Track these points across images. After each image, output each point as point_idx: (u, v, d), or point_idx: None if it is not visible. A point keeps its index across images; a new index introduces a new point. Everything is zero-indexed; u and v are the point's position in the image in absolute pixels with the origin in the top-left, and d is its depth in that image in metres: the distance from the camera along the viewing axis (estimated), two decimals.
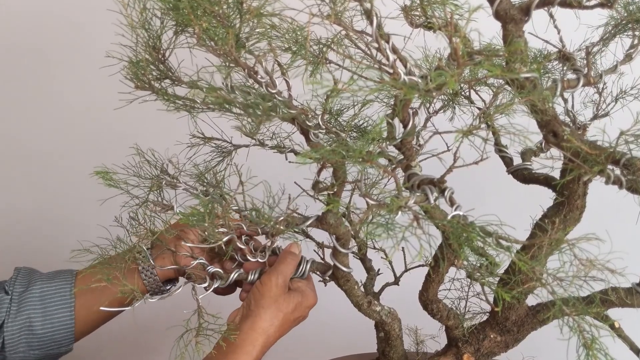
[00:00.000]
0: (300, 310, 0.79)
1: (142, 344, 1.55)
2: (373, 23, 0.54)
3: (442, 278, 0.75)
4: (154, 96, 0.64)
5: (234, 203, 0.70)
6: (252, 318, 0.76)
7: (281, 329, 0.78)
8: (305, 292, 0.81)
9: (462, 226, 0.54)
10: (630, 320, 0.79)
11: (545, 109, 0.62)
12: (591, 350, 0.51)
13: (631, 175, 0.58)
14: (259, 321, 0.76)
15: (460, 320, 0.79)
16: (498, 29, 0.59)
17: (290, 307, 0.78)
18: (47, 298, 0.81)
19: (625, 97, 0.82)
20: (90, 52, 0.93)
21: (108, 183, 0.72)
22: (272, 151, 0.82)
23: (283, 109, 0.59)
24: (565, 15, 0.68)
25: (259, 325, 0.75)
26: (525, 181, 0.78)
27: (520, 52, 0.56)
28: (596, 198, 0.76)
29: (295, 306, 0.78)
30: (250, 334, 0.75)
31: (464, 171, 0.67)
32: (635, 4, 0.73)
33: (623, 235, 0.75)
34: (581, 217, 0.69)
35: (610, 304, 0.70)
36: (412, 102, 0.65)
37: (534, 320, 0.75)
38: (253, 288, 0.79)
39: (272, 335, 0.76)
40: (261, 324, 0.76)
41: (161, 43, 0.62)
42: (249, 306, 0.78)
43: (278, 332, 0.77)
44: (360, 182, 0.59)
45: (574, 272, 0.52)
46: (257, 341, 0.75)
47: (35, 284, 0.82)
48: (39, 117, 1.40)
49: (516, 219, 0.59)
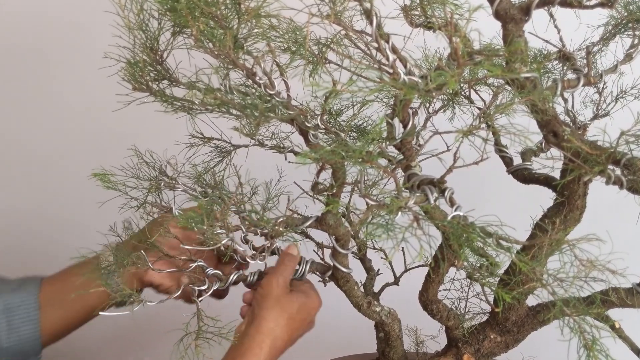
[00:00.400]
0: (305, 311, 0.79)
1: (141, 345, 1.55)
2: (373, 23, 0.54)
3: (442, 278, 0.75)
4: (152, 97, 0.64)
5: (232, 205, 0.70)
6: (257, 320, 0.76)
7: (289, 330, 0.77)
8: (308, 293, 0.80)
9: (462, 227, 0.54)
10: (630, 320, 0.79)
11: (546, 108, 0.62)
12: (592, 352, 0.51)
13: (632, 175, 0.58)
14: (263, 322, 0.76)
15: (460, 320, 0.79)
16: (498, 28, 0.59)
17: (295, 306, 0.78)
18: (12, 310, 0.81)
19: (625, 97, 0.82)
20: (90, 53, 0.93)
21: (106, 185, 0.72)
22: (271, 151, 0.82)
23: (281, 110, 0.59)
24: (566, 15, 0.68)
25: (264, 326, 0.75)
26: (525, 181, 0.78)
27: (521, 52, 0.56)
28: (596, 198, 0.76)
29: (299, 306, 0.78)
30: (256, 336, 0.75)
31: (464, 171, 0.66)
32: (635, 3, 0.73)
33: (623, 235, 0.75)
34: (581, 217, 0.69)
35: (611, 304, 0.70)
36: (411, 102, 0.65)
37: (534, 320, 0.75)
38: (255, 294, 0.79)
39: (279, 336, 0.76)
40: (266, 325, 0.75)
41: (159, 44, 0.62)
42: (253, 311, 0.78)
43: (286, 333, 0.77)
44: (360, 182, 0.59)
45: (575, 272, 0.52)
46: (263, 342, 0.74)
47: (0, 295, 0.82)
48: (39, 118, 1.40)
49: (516, 219, 0.59)
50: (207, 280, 0.77)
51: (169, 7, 0.53)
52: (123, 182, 0.74)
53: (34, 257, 1.51)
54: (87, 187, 0.84)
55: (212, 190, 0.77)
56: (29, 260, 1.51)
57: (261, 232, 0.70)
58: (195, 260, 0.76)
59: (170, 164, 0.78)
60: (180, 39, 0.61)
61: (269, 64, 0.64)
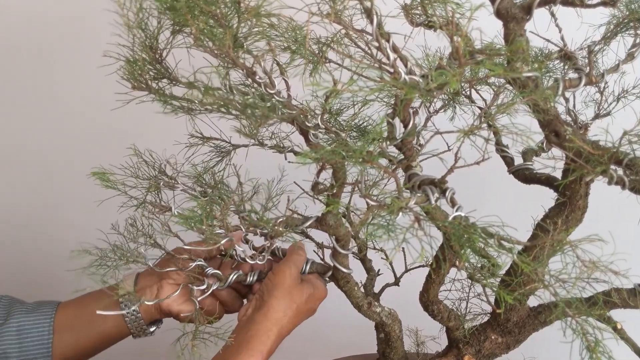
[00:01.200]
0: (312, 302, 0.79)
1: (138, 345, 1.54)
2: (373, 22, 0.53)
3: (442, 279, 0.74)
4: (151, 97, 0.63)
5: (232, 205, 0.70)
6: (266, 308, 0.76)
7: (294, 320, 0.77)
8: (316, 284, 0.80)
9: (463, 227, 0.54)
10: (632, 322, 0.78)
11: (547, 108, 0.62)
12: (595, 353, 0.51)
13: (634, 175, 0.58)
14: (272, 311, 0.75)
15: (461, 321, 0.79)
16: (499, 27, 0.58)
17: (304, 297, 0.78)
18: (24, 332, 0.80)
19: (627, 97, 0.82)
20: (89, 52, 0.93)
21: (105, 184, 0.72)
22: (271, 151, 0.82)
23: (282, 110, 0.59)
24: (567, 14, 0.68)
25: (273, 316, 0.75)
26: (526, 181, 0.78)
27: (522, 51, 0.56)
28: (598, 198, 0.75)
29: (308, 297, 0.78)
30: (264, 323, 0.74)
31: (465, 171, 0.66)
32: (637, 2, 0.72)
33: (625, 235, 0.74)
34: (583, 217, 0.69)
35: (613, 305, 0.70)
36: (412, 102, 0.64)
37: (536, 321, 0.75)
38: (265, 279, 0.79)
39: (285, 326, 0.76)
40: (274, 315, 0.75)
41: (158, 43, 0.61)
42: (262, 297, 0.77)
43: (291, 323, 0.77)
44: (361, 182, 0.59)
45: (577, 274, 0.52)
46: (271, 331, 0.74)
47: (14, 316, 0.80)
48: (39, 117, 1.40)
49: (518, 220, 0.59)
50: (207, 280, 0.77)
51: (169, 5, 0.53)
52: (122, 182, 0.74)
53: (34, 257, 1.51)
54: (87, 187, 0.83)
55: (211, 190, 0.77)
56: (29, 260, 1.51)
57: (261, 232, 0.70)
58: (194, 259, 0.76)
59: (170, 163, 0.78)
60: (180, 38, 0.61)
61: (269, 63, 0.63)
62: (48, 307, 0.83)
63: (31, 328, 0.80)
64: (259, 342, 0.73)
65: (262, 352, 0.72)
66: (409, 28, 0.67)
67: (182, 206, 0.77)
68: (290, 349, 0.81)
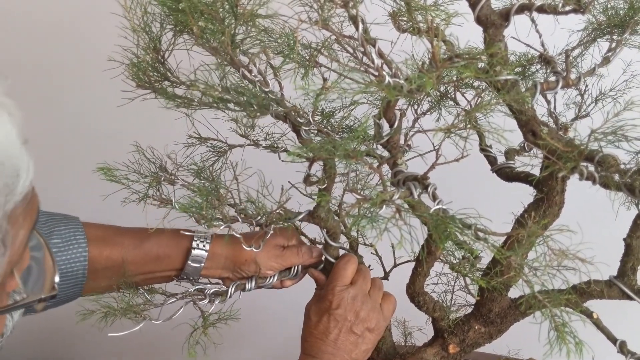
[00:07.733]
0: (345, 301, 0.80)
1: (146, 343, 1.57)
2: (359, 28, 0.57)
3: (427, 271, 0.78)
4: (153, 95, 0.67)
5: (229, 196, 0.73)
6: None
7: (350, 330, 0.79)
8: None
9: (442, 218, 0.58)
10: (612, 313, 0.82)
11: (524, 109, 0.66)
12: (561, 333, 0.55)
13: (604, 171, 0.62)
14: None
15: (446, 312, 0.83)
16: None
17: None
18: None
19: (604, 99, 0.86)
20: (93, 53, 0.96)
21: (109, 179, 0.75)
22: (266, 151, 0.85)
23: (276, 106, 0.63)
24: (548, 21, 0.72)
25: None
26: (508, 179, 0.81)
27: (499, 54, 0.60)
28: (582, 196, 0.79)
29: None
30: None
31: (454, 171, 0.70)
32: (613, 9, 0.77)
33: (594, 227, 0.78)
34: (560, 212, 0.73)
35: (589, 295, 0.74)
36: (397, 103, 0.69)
37: (516, 312, 0.79)
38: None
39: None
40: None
41: (161, 44, 0.65)
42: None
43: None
44: (347, 177, 0.63)
45: (547, 261, 0.56)
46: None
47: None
48: (41, 117, 1.42)
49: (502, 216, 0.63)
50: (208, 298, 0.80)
51: (173, 7, 0.57)
52: (125, 176, 0.77)
53: None
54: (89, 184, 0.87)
55: (209, 183, 0.80)
56: None
57: (256, 222, 0.73)
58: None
59: (171, 158, 0.81)
60: (180, 40, 0.65)
61: (264, 66, 0.68)
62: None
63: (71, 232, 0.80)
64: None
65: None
66: (396, 34, 0.71)
67: (181, 200, 0.80)
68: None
